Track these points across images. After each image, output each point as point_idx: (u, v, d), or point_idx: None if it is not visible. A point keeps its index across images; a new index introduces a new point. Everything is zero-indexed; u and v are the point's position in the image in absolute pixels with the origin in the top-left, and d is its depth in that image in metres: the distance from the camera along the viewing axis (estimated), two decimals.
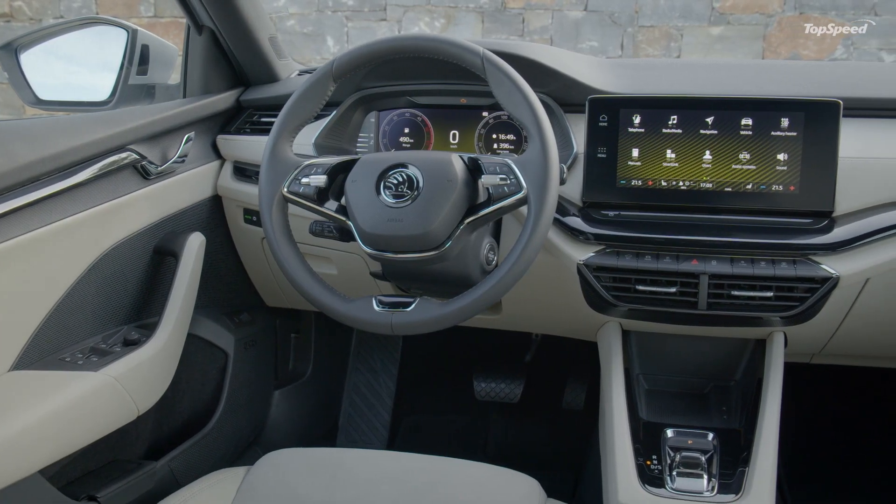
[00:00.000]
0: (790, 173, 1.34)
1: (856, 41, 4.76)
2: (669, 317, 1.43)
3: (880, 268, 1.33)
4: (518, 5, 4.98)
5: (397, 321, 1.19)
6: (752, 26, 4.81)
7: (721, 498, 1.23)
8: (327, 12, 5.09)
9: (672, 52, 4.95)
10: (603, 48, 4.96)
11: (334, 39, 5.08)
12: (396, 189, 1.21)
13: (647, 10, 4.87)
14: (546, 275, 1.46)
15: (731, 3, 4.79)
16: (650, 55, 4.98)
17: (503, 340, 2.02)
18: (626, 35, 4.92)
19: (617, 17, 4.91)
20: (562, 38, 4.97)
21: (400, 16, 5.08)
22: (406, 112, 1.61)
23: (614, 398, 1.38)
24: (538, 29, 4.99)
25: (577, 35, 4.96)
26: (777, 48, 4.84)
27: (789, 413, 1.98)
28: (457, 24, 5.07)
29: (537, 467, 1.49)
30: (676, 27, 4.87)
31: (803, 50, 4.85)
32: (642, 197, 1.39)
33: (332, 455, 1.32)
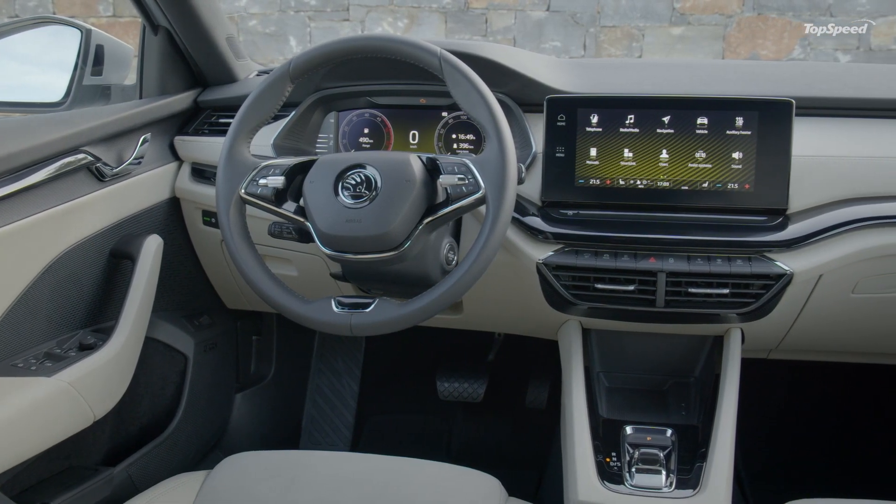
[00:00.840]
0: (745, 171, 1.35)
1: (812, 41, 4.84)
2: (628, 315, 1.44)
3: (833, 264, 1.36)
4: (481, 5, 5.00)
5: (356, 322, 1.19)
6: (712, 26, 4.87)
7: (679, 493, 1.24)
8: (290, 12, 5.06)
9: (634, 52, 5.00)
10: (566, 48, 4.99)
11: (297, 39, 5.06)
12: (355, 190, 1.21)
13: (608, 10, 4.91)
14: (506, 274, 1.46)
15: (691, 4, 4.84)
16: (612, 55, 5.02)
17: (466, 340, 2.02)
18: (589, 35, 4.96)
19: (579, 18, 4.94)
20: (525, 39, 4.99)
21: (363, 16, 5.07)
22: (366, 112, 1.61)
23: (574, 396, 1.39)
24: (501, 29, 5.01)
25: (540, 35, 4.98)
26: (737, 48, 4.90)
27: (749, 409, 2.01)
28: (420, 25, 5.07)
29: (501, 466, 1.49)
30: (638, 27, 4.92)
31: (762, 50, 4.92)
32: (601, 196, 1.40)
33: (293, 458, 1.31)
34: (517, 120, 1.48)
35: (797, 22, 4.82)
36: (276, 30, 5.05)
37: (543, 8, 4.95)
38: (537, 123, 1.45)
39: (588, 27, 4.95)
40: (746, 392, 2.00)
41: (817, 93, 1.46)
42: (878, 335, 1.54)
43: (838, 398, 2.14)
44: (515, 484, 1.37)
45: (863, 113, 1.46)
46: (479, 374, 2.11)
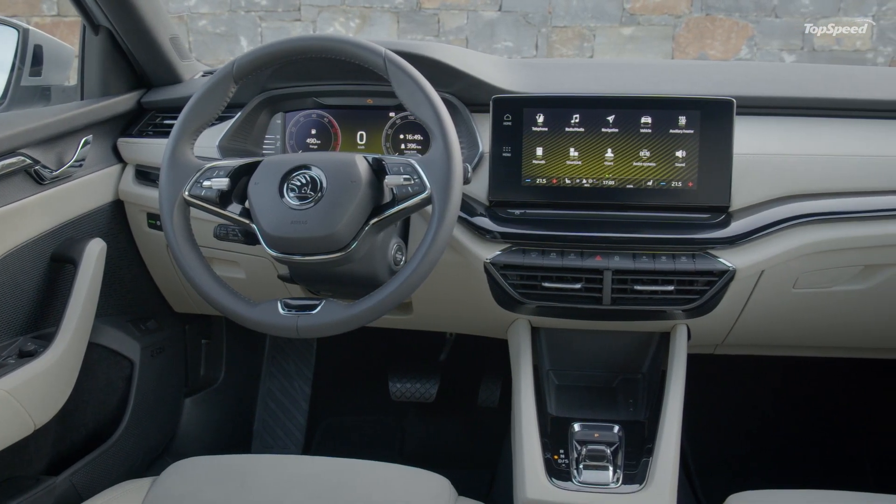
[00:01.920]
0: (688, 170, 1.37)
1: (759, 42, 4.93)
2: (576, 313, 1.45)
3: (774, 260, 1.38)
4: (433, 6, 5.00)
5: (303, 324, 1.18)
6: (661, 27, 4.93)
7: (625, 489, 1.25)
8: (240, 12, 5.00)
9: (585, 53, 5.04)
10: (518, 48, 5.02)
11: (248, 40, 5.01)
12: (300, 191, 1.20)
13: (560, 10, 4.95)
14: (454, 274, 1.47)
15: (640, 4, 4.90)
16: (564, 55, 5.06)
17: (418, 340, 2.02)
18: (541, 35, 4.99)
19: (531, 18, 4.97)
20: (477, 39, 5.00)
21: (314, 16, 5.04)
22: (313, 113, 1.60)
23: (523, 395, 1.40)
24: (454, 29, 5.01)
25: (492, 35, 5.00)
26: (686, 48, 4.97)
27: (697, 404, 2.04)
28: (372, 25, 5.05)
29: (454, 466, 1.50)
30: (589, 27, 4.96)
31: (710, 50, 4.99)
32: (547, 195, 1.41)
33: (241, 462, 1.30)
34: (464, 120, 1.48)
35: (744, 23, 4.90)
36: (226, 30, 4.99)
37: (495, 8, 4.96)
38: (484, 123, 1.45)
39: (540, 27, 4.97)
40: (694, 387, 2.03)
41: (758, 92, 1.49)
42: (818, 329, 1.57)
43: (783, 392, 2.19)
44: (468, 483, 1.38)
45: (802, 112, 1.49)
46: (431, 375, 2.11)
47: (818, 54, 4.89)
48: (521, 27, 4.98)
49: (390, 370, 2.13)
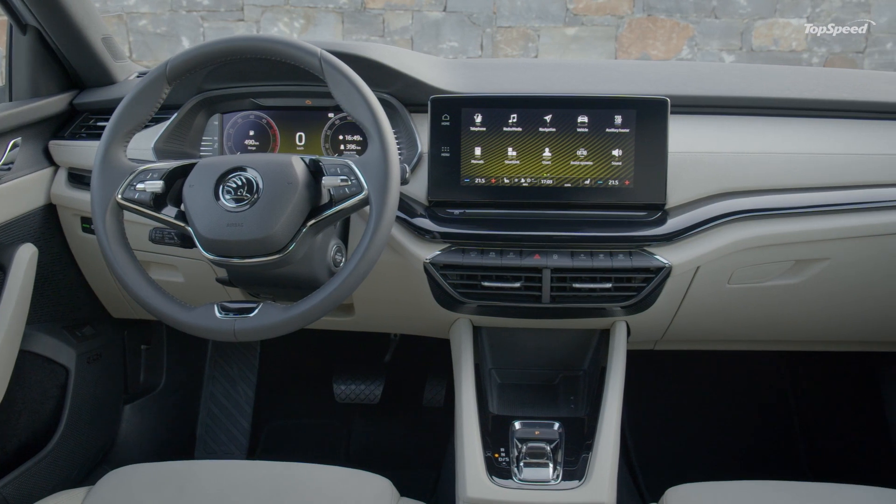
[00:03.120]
0: (625, 168, 1.39)
1: (699, 42, 5.02)
2: (516, 311, 1.46)
3: (709, 256, 1.41)
4: (378, 6, 4.98)
5: (240, 328, 1.17)
6: (604, 27, 4.99)
7: (565, 485, 1.26)
8: (181, 12, 4.93)
9: (530, 52, 5.07)
10: (463, 48, 5.03)
11: (190, 40, 4.94)
12: (236, 193, 1.19)
13: (504, 10, 4.97)
14: (395, 275, 1.47)
15: (584, 5, 4.95)
16: (509, 55, 5.08)
17: (362, 342, 2.01)
18: (486, 35, 5.01)
19: (476, 18, 4.98)
20: (422, 39, 5.00)
21: (258, 16, 4.99)
22: (251, 114, 1.58)
23: (463, 394, 1.40)
24: (399, 30, 5.01)
25: (438, 35, 5.01)
26: (628, 48, 5.04)
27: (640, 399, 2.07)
28: (317, 25, 5.02)
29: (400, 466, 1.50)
30: (533, 28, 4.99)
31: (652, 50, 5.06)
32: (486, 194, 1.42)
33: (181, 468, 1.28)
34: (403, 120, 1.48)
35: (685, 23, 4.99)
36: (167, 30, 4.92)
37: (440, 8, 4.97)
38: (423, 123, 1.45)
39: (485, 27, 5.00)
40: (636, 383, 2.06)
41: (692, 91, 1.51)
42: (752, 323, 1.61)
43: (722, 385, 2.23)
44: (413, 483, 1.38)
45: (735, 111, 1.52)
46: (375, 376, 2.11)
47: (756, 54, 4.99)
48: (467, 27, 5.00)
49: (335, 372, 2.12)
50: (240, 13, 4.97)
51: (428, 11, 4.99)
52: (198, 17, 4.95)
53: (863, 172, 1.45)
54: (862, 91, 1.55)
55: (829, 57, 4.99)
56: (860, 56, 4.96)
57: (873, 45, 4.93)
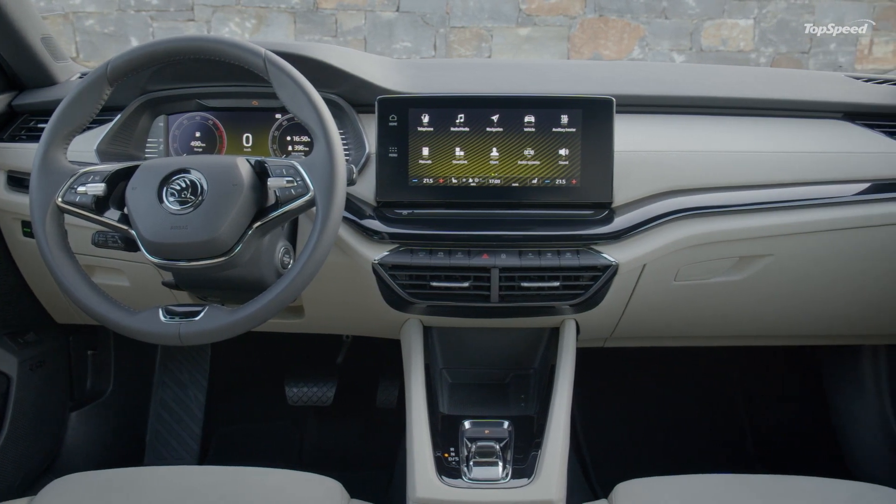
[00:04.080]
0: (571, 167, 1.40)
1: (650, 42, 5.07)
2: (465, 311, 1.46)
3: (655, 254, 1.43)
4: (330, 6, 4.95)
5: (185, 331, 1.16)
6: (556, 27, 5.02)
7: (514, 483, 1.27)
8: (129, 11, 4.85)
9: (483, 53, 5.08)
10: (416, 49, 5.02)
11: (139, 40, 4.85)
12: (180, 195, 1.17)
13: (457, 11, 4.98)
14: (344, 276, 1.46)
15: (536, 5, 4.97)
16: (463, 55, 5.09)
17: (315, 344, 2.00)
18: (439, 36, 5.00)
19: (429, 18, 4.98)
20: (375, 39, 4.98)
21: (209, 16, 4.93)
22: (196, 115, 1.56)
23: (413, 395, 1.40)
24: (352, 30, 4.98)
25: (391, 36, 4.99)
26: (581, 48, 5.07)
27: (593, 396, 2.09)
28: (268, 25, 4.97)
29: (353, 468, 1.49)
30: (486, 28, 5.00)
31: (604, 50, 5.11)
32: (434, 194, 1.42)
33: (127, 476, 1.26)
34: (350, 121, 1.47)
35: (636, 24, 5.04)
36: (115, 30, 4.83)
37: (393, 8, 4.96)
38: (371, 124, 1.45)
39: (438, 28, 4.99)
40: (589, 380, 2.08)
41: (637, 91, 1.53)
42: (699, 320, 1.63)
43: (673, 381, 2.26)
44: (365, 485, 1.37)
45: (679, 110, 1.54)
46: (328, 378, 2.10)
47: (706, 54, 5.06)
48: (420, 27, 4.99)
49: (287, 375, 2.11)
50: (190, 13, 4.91)
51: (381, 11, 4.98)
52: (147, 17, 4.87)
53: (804, 170, 1.48)
54: (803, 90, 1.59)
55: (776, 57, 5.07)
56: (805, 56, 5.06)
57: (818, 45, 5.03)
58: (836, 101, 1.56)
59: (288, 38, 4.93)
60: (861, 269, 1.56)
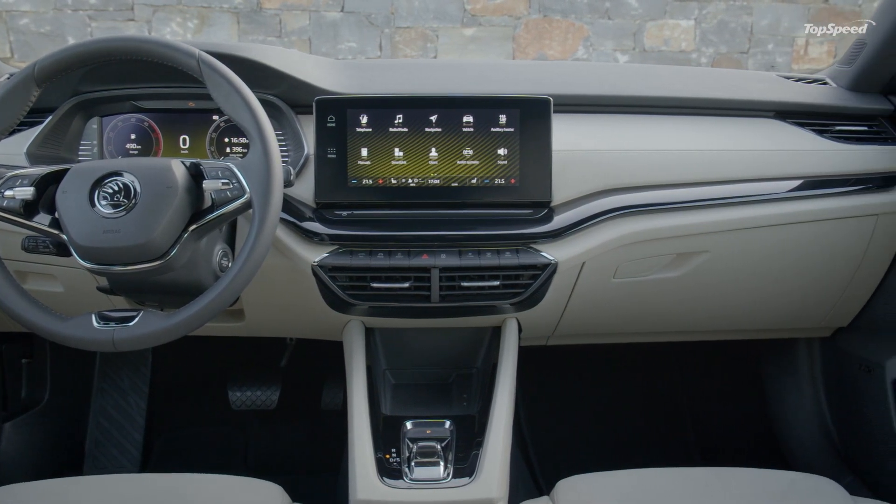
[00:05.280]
0: (510, 167, 1.41)
1: (594, 42, 5.13)
2: (406, 311, 1.46)
3: (593, 252, 1.44)
4: (274, 6, 4.91)
5: (119, 337, 1.14)
6: (501, 28, 5.04)
7: (455, 482, 1.27)
8: (66, 11, 4.74)
9: (429, 53, 5.08)
10: (361, 49, 5.00)
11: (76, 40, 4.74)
12: (112, 199, 1.15)
13: (402, 11, 4.97)
14: (283, 278, 1.45)
15: (481, 6, 4.99)
16: (408, 55, 5.09)
17: (258, 347, 1.98)
18: (384, 36, 4.99)
19: (374, 19, 4.96)
20: (320, 40, 4.95)
21: (149, 16, 4.84)
22: (131, 117, 1.53)
23: (355, 396, 1.40)
24: (296, 30, 4.94)
25: (336, 36, 4.96)
26: (526, 48, 5.11)
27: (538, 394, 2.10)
28: (211, 25, 4.91)
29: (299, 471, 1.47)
30: (432, 28, 5.01)
31: (549, 50, 5.14)
32: (373, 195, 1.42)
33: (64, 486, 1.23)
34: (289, 122, 1.46)
35: (580, 24, 5.09)
36: (52, 29, 4.72)
37: (338, 9, 4.93)
38: (309, 125, 1.44)
39: (383, 28, 4.98)
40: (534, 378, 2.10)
41: (575, 90, 1.55)
42: (638, 316, 1.66)
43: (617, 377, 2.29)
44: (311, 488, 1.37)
45: (616, 109, 1.56)
46: (272, 381, 2.08)
47: (648, 54, 5.14)
48: (365, 28, 4.97)
49: (230, 379, 2.08)
50: (130, 13, 4.82)
51: (325, 12, 4.95)
52: (85, 17, 4.77)
53: (739, 167, 1.51)
54: (737, 90, 1.62)
55: (717, 57, 5.17)
56: (745, 56, 5.16)
57: (756, 45, 5.13)
58: (768, 100, 1.60)
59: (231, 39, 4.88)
60: (793, 263, 1.60)
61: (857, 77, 1.63)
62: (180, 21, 4.88)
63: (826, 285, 1.67)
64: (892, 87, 1.63)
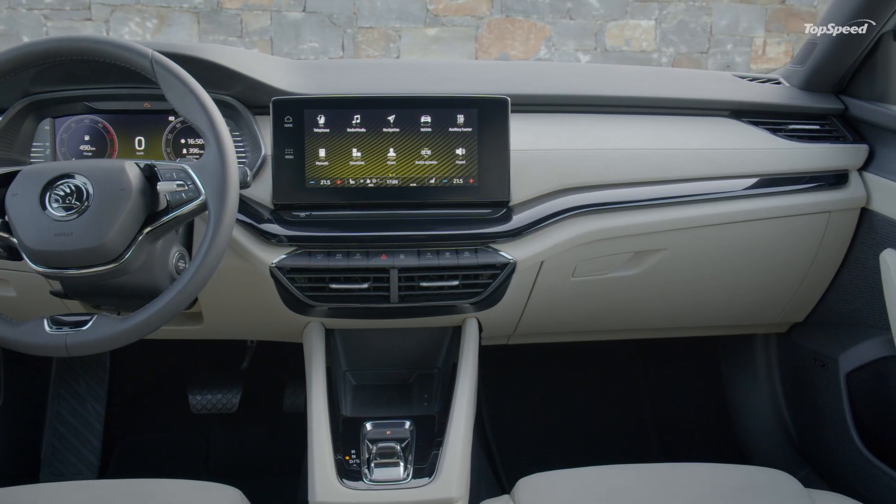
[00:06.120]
0: (468, 167, 1.41)
1: (556, 42, 5.16)
2: (366, 312, 1.46)
3: (552, 250, 1.45)
4: (235, 6, 4.86)
5: (73, 342, 1.12)
6: (464, 28, 5.05)
7: (415, 483, 1.27)
8: (21, 10, 4.66)
9: (392, 53, 5.08)
10: (324, 49, 4.98)
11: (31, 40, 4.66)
12: (64, 201, 1.14)
13: (364, 11, 4.95)
14: (242, 280, 1.44)
15: (443, 6, 4.99)
16: (371, 56, 5.07)
17: (218, 350, 1.96)
18: (346, 36, 4.97)
19: (336, 19, 4.94)
20: (282, 40, 4.92)
21: (107, 15, 4.77)
22: (85, 118, 1.51)
23: (314, 398, 1.39)
24: (258, 30, 4.91)
25: (298, 36, 4.93)
26: (488, 48, 5.12)
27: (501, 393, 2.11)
28: (171, 25, 4.85)
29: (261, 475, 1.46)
30: (394, 28, 5.00)
31: (511, 50, 5.16)
32: (332, 196, 1.41)
33: (19, 494, 1.21)
34: (246, 122, 1.45)
35: (541, 24, 5.11)
36: (6, 29, 4.63)
37: (300, 9, 4.90)
38: (267, 126, 1.43)
39: (345, 28, 4.96)
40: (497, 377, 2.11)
41: (533, 90, 1.56)
42: (598, 314, 1.67)
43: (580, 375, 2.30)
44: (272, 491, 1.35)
45: (575, 109, 1.57)
46: (233, 384, 2.06)
47: (610, 54, 5.17)
48: (327, 28, 4.95)
49: (190, 382, 2.06)
50: (87, 12, 4.75)
51: (287, 12, 4.92)
52: (40, 16, 4.69)
53: (695, 166, 1.53)
54: (692, 89, 1.64)
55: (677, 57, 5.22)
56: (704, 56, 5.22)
57: (716, 45, 5.20)
58: (723, 99, 1.62)
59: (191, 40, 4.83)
60: (750, 261, 1.62)
61: (808, 77, 1.66)
62: (139, 21, 4.82)
63: (781, 282, 1.69)
64: (843, 86, 1.67)
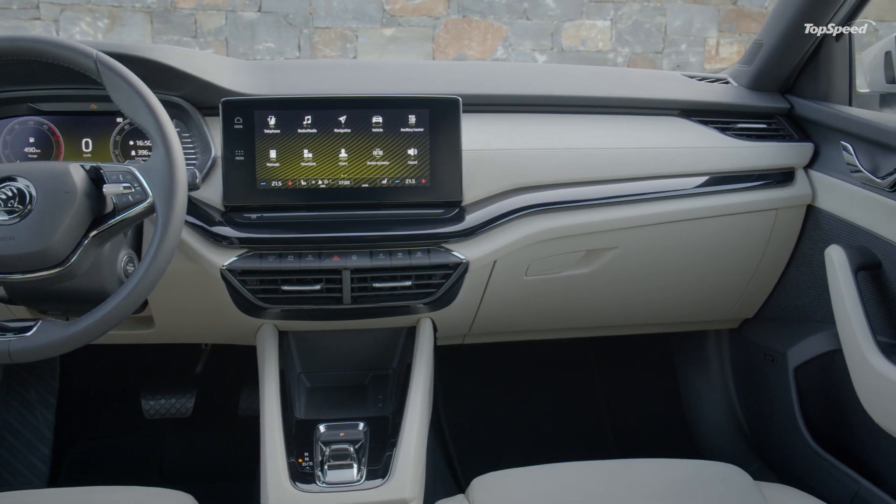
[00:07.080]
0: (421, 167, 1.41)
1: (513, 42, 5.18)
2: (319, 314, 1.45)
3: (504, 250, 1.46)
4: (189, 6, 4.81)
5: (16, 348, 1.10)
6: (421, 28, 5.05)
7: (369, 484, 1.27)
8: None
9: (349, 53, 5.06)
10: (280, 49, 4.95)
11: None
12: (6, 205, 1.12)
13: (321, 11, 4.93)
14: (193, 283, 1.42)
15: (400, 6, 4.99)
16: (328, 56, 5.05)
17: (172, 354, 1.94)
18: (303, 36, 4.95)
19: (292, 19, 4.91)
20: (237, 40, 4.88)
21: (56, 15, 4.69)
22: (29, 120, 1.48)
23: (266, 400, 1.38)
24: (213, 30, 4.86)
25: (253, 36, 4.89)
26: (445, 49, 5.12)
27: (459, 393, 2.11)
28: (123, 25, 4.78)
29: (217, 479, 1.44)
30: (351, 28, 4.98)
31: (469, 51, 5.17)
32: (283, 197, 1.40)
33: None
34: (196, 124, 1.44)
35: (498, 24, 5.13)
36: None
37: (255, 9, 4.86)
38: (217, 127, 1.41)
39: (301, 28, 4.93)
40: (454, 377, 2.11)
41: (485, 90, 1.56)
42: (552, 313, 1.68)
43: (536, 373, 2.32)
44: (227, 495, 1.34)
45: (527, 109, 1.58)
46: (186, 388, 2.04)
47: (566, 54, 5.21)
48: (283, 28, 4.92)
49: (142, 387, 2.03)
50: (35, 11, 4.66)
51: (242, 12, 4.87)
52: None
53: (645, 164, 1.55)
54: (643, 89, 1.66)
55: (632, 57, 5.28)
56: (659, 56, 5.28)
57: (670, 45, 5.26)
58: (672, 98, 1.64)
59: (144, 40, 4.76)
60: (700, 258, 1.65)
61: (755, 76, 1.69)
62: (90, 21, 4.74)
63: (732, 278, 1.72)
64: (788, 86, 1.70)
